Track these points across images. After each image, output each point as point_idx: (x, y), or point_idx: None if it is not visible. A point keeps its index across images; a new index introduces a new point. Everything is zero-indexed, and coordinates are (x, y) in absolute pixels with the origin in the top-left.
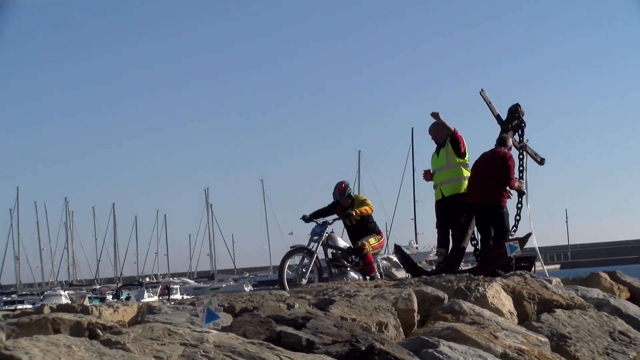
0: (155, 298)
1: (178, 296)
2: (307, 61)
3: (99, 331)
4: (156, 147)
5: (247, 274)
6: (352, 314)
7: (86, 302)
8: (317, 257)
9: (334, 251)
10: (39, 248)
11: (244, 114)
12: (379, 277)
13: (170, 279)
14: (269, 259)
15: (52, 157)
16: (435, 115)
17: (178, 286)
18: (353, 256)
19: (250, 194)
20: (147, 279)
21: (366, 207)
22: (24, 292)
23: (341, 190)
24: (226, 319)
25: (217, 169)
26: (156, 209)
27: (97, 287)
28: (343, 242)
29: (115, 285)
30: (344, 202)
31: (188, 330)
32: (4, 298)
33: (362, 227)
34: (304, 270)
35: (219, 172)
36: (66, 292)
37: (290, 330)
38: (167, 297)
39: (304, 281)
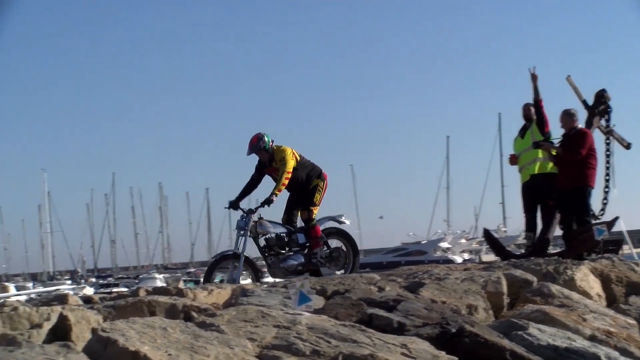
0: (249, 281)
1: (271, 279)
2: (395, 47)
3: (193, 313)
4: (248, 134)
5: None
6: (442, 296)
7: (181, 285)
8: (246, 257)
9: (268, 236)
10: (134, 232)
11: (335, 101)
12: (322, 257)
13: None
14: (359, 243)
15: (147, 144)
16: (534, 77)
17: None
18: (293, 235)
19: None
20: None
21: (285, 172)
22: (120, 276)
23: (252, 145)
24: (318, 302)
25: (307, 154)
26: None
27: (192, 270)
28: (277, 227)
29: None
30: (261, 157)
31: (281, 313)
32: (101, 281)
33: (298, 184)
34: (234, 279)
35: (309, 157)
36: (161, 275)
37: (381, 312)
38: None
39: None
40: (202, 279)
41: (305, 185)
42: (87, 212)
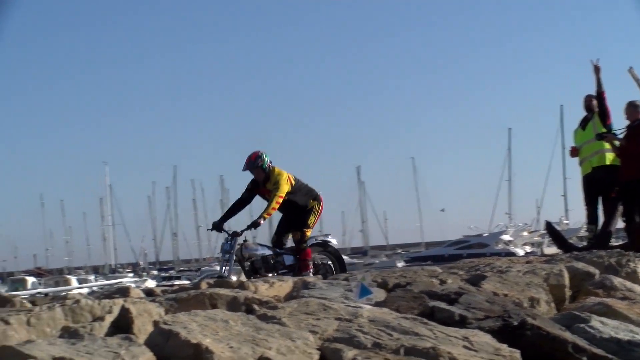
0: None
1: None
2: (456, 38)
3: (255, 306)
4: (309, 127)
5: (400, 250)
6: (503, 289)
7: (242, 278)
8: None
9: (253, 260)
10: (196, 225)
11: (396, 92)
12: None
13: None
14: (421, 236)
15: (208, 137)
16: (597, 68)
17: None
18: (279, 257)
19: (401, 172)
20: None
21: (277, 196)
22: (181, 268)
23: (250, 161)
24: (380, 294)
25: (368, 148)
26: None
27: None
28: (263, 249)
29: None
30: (257, 176)
31: (342, 305)
32: (163, 274)
33: (295, 207)
34: None
35: (370, 151)
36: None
37: (443, 305)
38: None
39: None
40: None
41: (302, 207)
42: (149, 205)
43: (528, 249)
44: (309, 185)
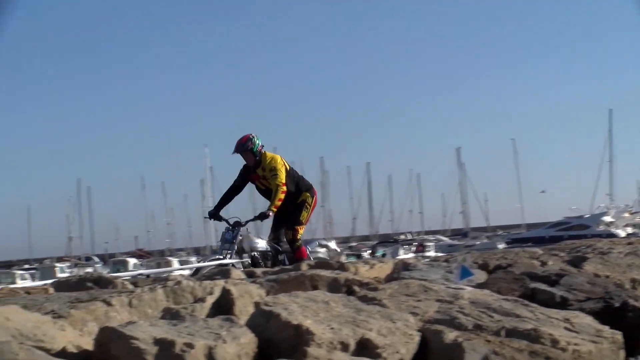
0: (411, 255)
1: (432, 253)
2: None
3: (355, 287)
4: (408, 108)
5: (501, 232)
6: (605, 271)
7: (343, 259)
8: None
9: (253, 254)
10: None
11: (497, 74)
12: None
13: (425, 236)
14: (522, 217)
15: (308, 119)
16: None
17: (432, 243)
18: (280, 256)
19: (501, 153)
20: (402, 237)
21: (280, 186)
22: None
23: (240, 143)
24: (480, 276)
25: (468, 129)
26: (409, 168)
27: (353, 244)
28: (262, 242)
29: (371, 242)
30: (247, 159)
31: (443, 287)
32: None
33: (285, 197)
34: None
35: (470, 132)
36: (323, 249)
37: (543, 287)
38: (421, 254)
39: None
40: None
41: (293, 198)
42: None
43: (630, 230)
44: (301, 175)
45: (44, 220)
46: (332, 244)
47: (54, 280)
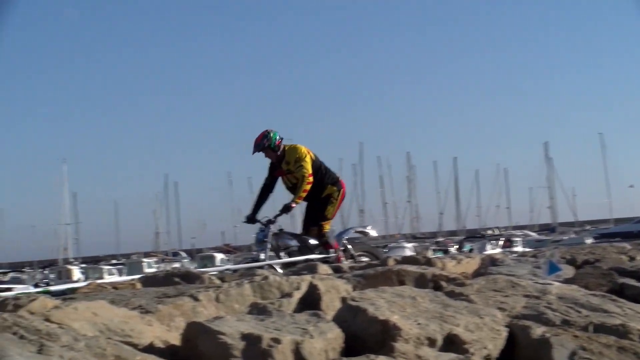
0: (498, 250)
1: (520, 248)
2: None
3: (442, 283)
4: (495, 102)
5: (588, 227)
6: None
7: (430, 254)
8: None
9: (290, 250)
10: (383, 202)
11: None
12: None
13: (512, 231)
14: (610, 212)
15: (395, 114)
16: None
17: (520, 238)
18: (316, 252)
19: (589, 147)
20: (489, 232)
21: (306, 177)
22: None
23: (257, 143)
24: (568, 271)
25: (556, 123)
26: (496, 163)
27: (440, 239)
28: (297, 240)
29: (458, 237)
30: (268, 157)
31: (530, 282)
32: None
33: (310, 190)
34: None
35: (558, 126)
36: (410, 244)
37: (632, 282)
38: (509, 249)
39: None
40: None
41: (317, 192)
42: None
43: None
44: (327, 167)
45: (132, 216)
46: (370, 230)
47: (141, 275)
